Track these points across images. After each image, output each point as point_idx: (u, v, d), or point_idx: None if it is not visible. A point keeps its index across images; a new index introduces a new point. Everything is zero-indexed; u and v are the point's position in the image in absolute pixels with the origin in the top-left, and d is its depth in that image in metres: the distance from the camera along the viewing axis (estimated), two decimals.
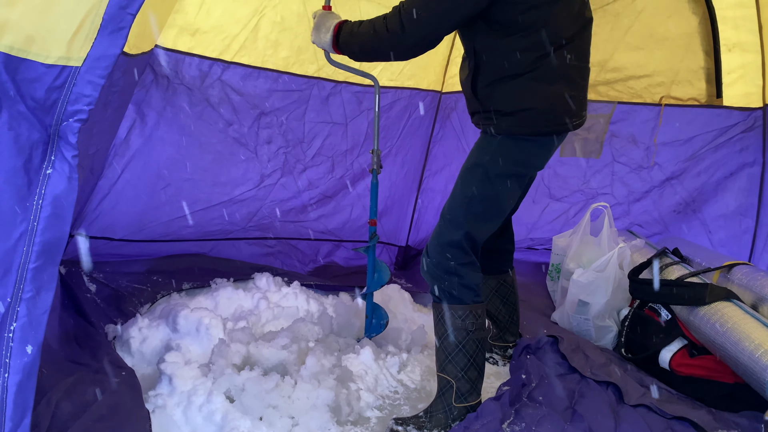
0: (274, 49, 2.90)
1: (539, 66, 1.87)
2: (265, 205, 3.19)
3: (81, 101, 1.47)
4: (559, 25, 1.88)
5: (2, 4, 1.36)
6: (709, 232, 3.40)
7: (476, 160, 2.01)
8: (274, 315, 2.76)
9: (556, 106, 1.94)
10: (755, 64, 3.18)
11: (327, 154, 3.23)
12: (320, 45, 2.08)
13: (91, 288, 2.66)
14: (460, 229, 2.00)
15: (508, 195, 2.03)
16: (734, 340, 2.13)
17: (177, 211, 2.98)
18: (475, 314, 2.05)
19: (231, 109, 2.91)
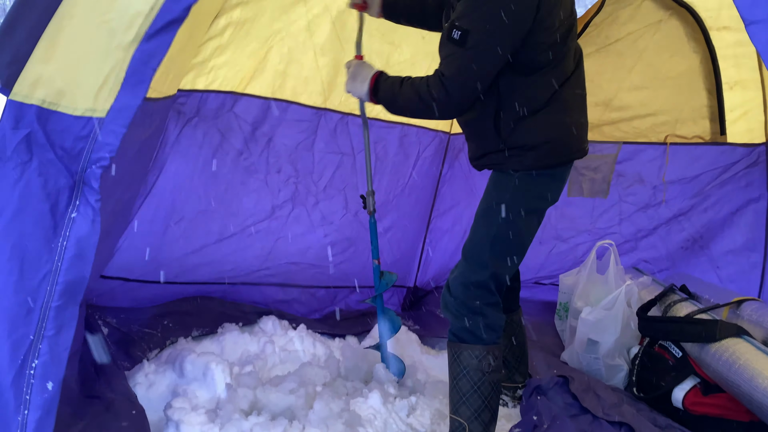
0: (283, 80, 2.98)
1: (555, 100, 1.96)
2: (279, 239, 3.19)
3: (104, 149, 1.55)
4: (567, 60, 1.98)
5: (38, 60, 1.46)
6: (717, 267, 3.40)
7: (497, 199, 2.02)
8: (280, 359, 2.74)
9: (571, 135, 2.02)
10: (756, 101, 3.23)
11: (338, 186, 3.25)
12: (356, 95, 2.13)
13: (103, 331, 2.67)
14: (485, 269, 2.02)
15: (530, 231, 2.07)
16: (747, 377, 2.12)
17: (190, 245, 3.01)
18: (492, 355, 2.05)
19: (242, 139, 2.98)
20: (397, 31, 2.92)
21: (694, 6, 3.20)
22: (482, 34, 1.79)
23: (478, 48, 1.81)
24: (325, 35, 2.97)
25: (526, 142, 1.96)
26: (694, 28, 3.24)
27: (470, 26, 1.79)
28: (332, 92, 3.10)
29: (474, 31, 1.79)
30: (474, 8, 1.80)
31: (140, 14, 1.56)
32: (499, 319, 2.06)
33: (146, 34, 1.55)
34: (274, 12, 2.82)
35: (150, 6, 1.55)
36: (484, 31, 1.79)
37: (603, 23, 3.32)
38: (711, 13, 3.19)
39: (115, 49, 1.55)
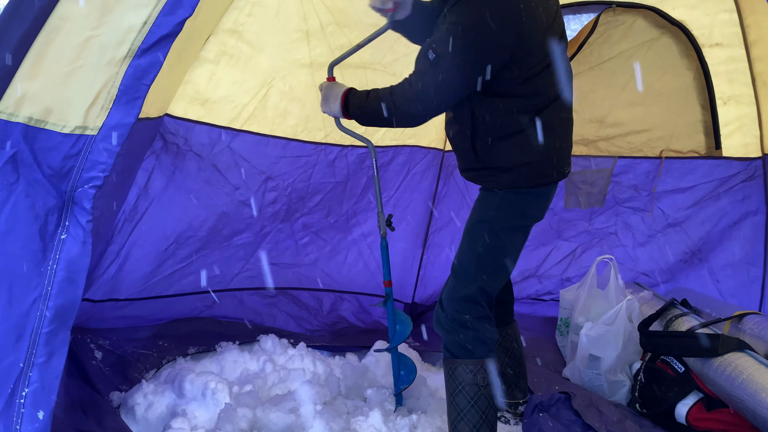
0: (283, 118, 2.99)
1: (534, 123, 1.97)
2: (261, 246, 3.21)
3: (96, 168, 1.52)
4: (549, 87, 1.99)
5: (25, 76, 1.43)
6: (717, 281, 3.39)
7: (481, 216, 2.07)
8: (280, 378, 2.72)
9: (550, 159, 2.04)
10: (751, 115, 3.25)
11: (325, 204, 3.29)
12: (330, 113, 2.19)
13: (97, 355, 2.65)
14: (473, 283, 2.05)
15: (514, 247, 2.10)
16: (751, 391, 2.09)
17: (179, 262, 3.01)
18: (486, 369, 2.06)
19: (238, 175, 2.98)
20: (396, 63, 3.00)
21: (686, 24, 3.23)
22: (453, 63, 1.84)
23: (448, 74, 1.86)
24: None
25: (501, 163, 2.00)
26: (687, 46, 3.27)
27: (443, 52, 1.84)
28: (334, 128, 3.11)
29: (446, 59, 1.84)
30: (450, 36, 1.84)
31: (133, 29, 1.54)
32: (489, 332, 2.08)
33: (139, 49, 1.54)
34: (274, 48, 2.84)
35: (143, 20, 1.53)
36: (456, 62, 1.84)
37: (596, 42, 3.35)
38: (703, 31, 3.22)
39: (107, 64, 1.53)
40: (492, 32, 1.81)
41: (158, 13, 1.52)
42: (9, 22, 1.43)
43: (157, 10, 1.52)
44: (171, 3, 1.52)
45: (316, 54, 2.94)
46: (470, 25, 1.82)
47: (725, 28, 3.17)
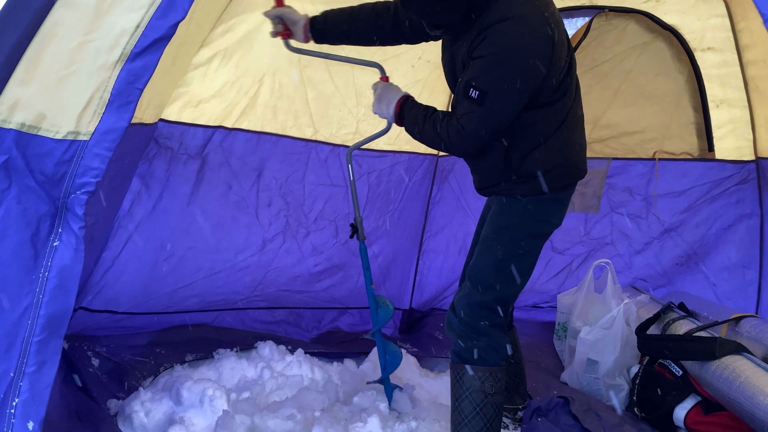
0: (273, 114, 2.98)
1: (561, 127, 1.99)
2: (269, 272, 3.18)
3: (89, 174, 1.50)
4: (572, 89, 2.02)
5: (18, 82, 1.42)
6: (714, 285, 3.39)
7: (503, 224, 2.05)
8: (278, 384, 2.71)
9: (576, 157, 2.09)
10: (744, 119, 3.26)
11: (329, 217, 3.25)
12: (382, 117, 2.16)
13: (94, 363, 2.63)
14: (492, 291, 2.04)
15: (535, 254, 2.09)
16: (748, 394, 2.09)
17: (180, 281, 2.98)
18: (495, 377, 2.05)
19: (231, 173, 2.96)
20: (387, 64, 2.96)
21: (678, 29, 3.25)
22: (500, 94, 1.83)
23: (496, 106, 1.85)
24: (316, 69, 2.98)
25: (535, 170, 2.00)
26: (679, 50, 3.29)
27: (488, 88, 1.82)
28: (322, 125, 3.11)
29: (492, 92, 1.83)
30: (490, 70, 1.82)
31: (126, 32, 1.53)
32: (503, 341, 2.08)
33: (132, 53, 1.53)
34: (263, 46, 2.83)
35: (136, 24, 1.53)
36: (501, 91, 1.83)
37: (589, 46, 3.37)
38: (695, 35, 3.24)
39: (99, 69, 1.52)
40: (531, 51, 1.81)
41: (151, 16, 1.51)
42: (2, 28, 1.42)
43: (150, 14, 1.51)
44: (164, 6, 1.51)
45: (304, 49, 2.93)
46: (509, 50, 1.80)
47: (717, 33, 3.19)
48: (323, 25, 2.24)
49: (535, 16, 1.82)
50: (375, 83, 2.21)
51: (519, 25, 1.80)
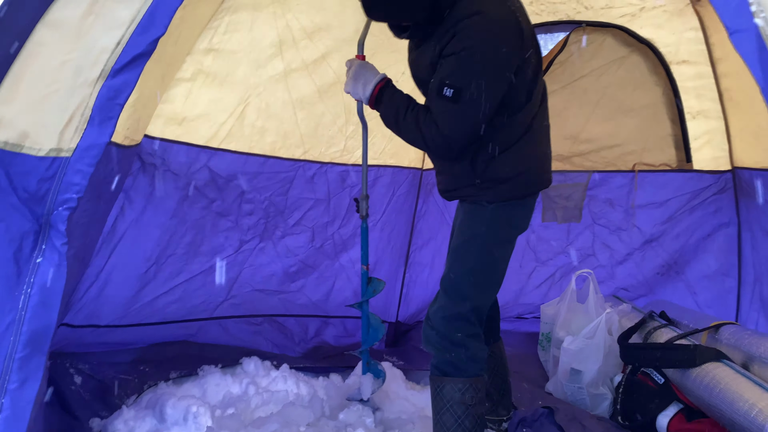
0: (261, 135, 3.00)
1: (527, 132, 2.00)
2: (244, 269, 3.18)
3: (71, 190, 1.52)
4: (537, 96, 2.04)
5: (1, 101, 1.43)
6: (694, 293, 3.44)
7: (472, 232, 2.05)
8: (263, 400, 2.69)
9: (540, 166, 2.09)
10: (719, 129, 3.34)
11: (307, 224, 3.26)
12: (355, 96, 2.11)
13: (76, 380, 2.60)
14: (466, 301, 2.03)
15: (505, 260, 2.10)
16: (728, 400, 2.12)
17: (160, 287, 2.98)
18: (474, 388, 2.04)
19: (216, 190, 2.98)
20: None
21: (653, 42, 3.33)
22: (474, 89, 1.82)
23: (472, 102, 1.83)
24: (304, 89, 3.01)
25: (499, 175, 2.00)
26: (655, 63, 3.37)
27: (461, 84, 1.82)
28: (312, 144, 3.14)
29: (466, 88, 1.82)
30: (463, 66, 1.83)
31: (106, 50, 1.56)
32: (481, 351, 2.07)
33: (112, 69, 1.55)
34: (249, 66, 2.86)
35: (116, 41, 1.55)
36: (475, 86, 1.83)
37: (567, 61, 3.43)
38: (670, 49, 3.32)
39: (80, 86, 1.54)
40: (503, 46, 1.82)
41: (131, 33, 1.54)
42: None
43: (130, 31, 1.54)
44: (144, 23, 1.54)
45: (291, 69, 2.96)
46: (481, 45, 1.80)
47: (691, 46, 3.27)
48: None
49: (502, 10, 1.84)
50: (350, 60, 2.14)
51: (488, 19, 1.80)
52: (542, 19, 3.34)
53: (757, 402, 2.01)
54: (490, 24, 1.81)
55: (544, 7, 3.28)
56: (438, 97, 1.86)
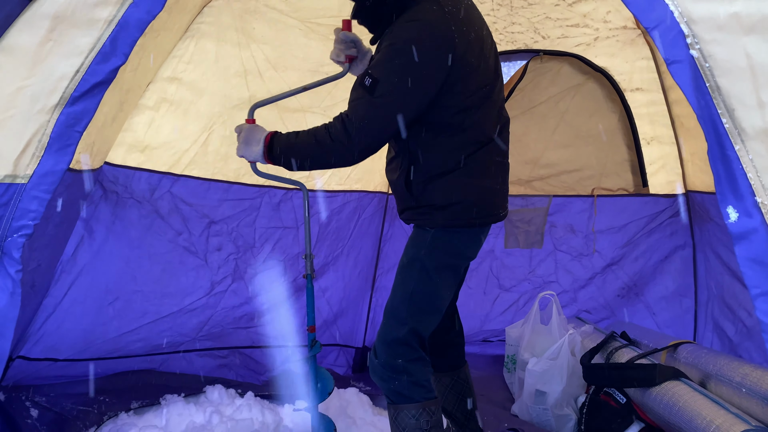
0: (224, 162, 3.00)
1: (468, 163, 1.98)
2: (216, 312, 3.14)
3: (26, 216, 1.49)
4: (484, 125, 2.01)
5: None
6: (654, 314, 3.52)
7: (413, 255, 2.04)
8: (227, 429, 2.65)
9: (484, 199, 2.02)
10: (673, 154, 3.46)
11: (278, 257, 3.25)
12: (249, 158, 2.05)
13: (32, 414, 2.52)
14: (404, 325, 2.00)
15: (446, 286, 2.06)
16: (687, 418, 2.16)
17: (125, 326, 2.91)
18: (428, 411, 2.01)
19: (180, 219, 2.95)
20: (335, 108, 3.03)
21: (608, 70, 3.45)
22: (390, 85, 1.81)
23: (385, 98, 1.82)
24: (268, 115, 3.00)
25: (434, 201, 1.99)
26: (611, 90, 3.49)
27: (380, 76, 1.82)
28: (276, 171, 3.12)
29: (383, 82, 1.82)
30: (387, 60, 1.85)
31: (65, 77, 1.55)
32: (424, 374, 2.03)
33: (72, 96, 1.54)
34: (214, 95, 2.87)
35: (75, 69, 1.55)
36: (392, 83, 1.81)
37: (526, 88, 3.54)
38: (624, 77, 3.45)
39: (38, 113, 1.53)
40: (427, 51, 1.80)
41: (91, 61, 1.54)
42: None
43: (89, 59, 1.54)
44: (104, 52, 1.54)
45: (255, 98, 2.98)
46: (405, 45, 1.80)
47: (644, 74, 3.40)
48: None
49: (440, 23, 1.85)
50: (238, 126, 2.09)
51: (420, 24, 1.83)
52: (501, 48, 3.44)
53: (714, 419, 2.06)
54: (421, 28, 1.83)
55: (503, 36, 3.39)
56: (359, 86, 1.87)
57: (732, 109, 1.46)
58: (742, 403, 2.18)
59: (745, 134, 1.45)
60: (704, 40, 1.47)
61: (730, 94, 1.46)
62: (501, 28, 3.35)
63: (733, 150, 1.45)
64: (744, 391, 2.18)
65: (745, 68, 1.45)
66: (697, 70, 1.46)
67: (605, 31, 3.32)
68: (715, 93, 1.46)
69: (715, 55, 1.46)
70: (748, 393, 2.16)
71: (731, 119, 1.46)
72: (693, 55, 1.46)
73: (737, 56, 1.46)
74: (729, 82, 1.46)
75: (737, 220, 1.45)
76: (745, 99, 1.45)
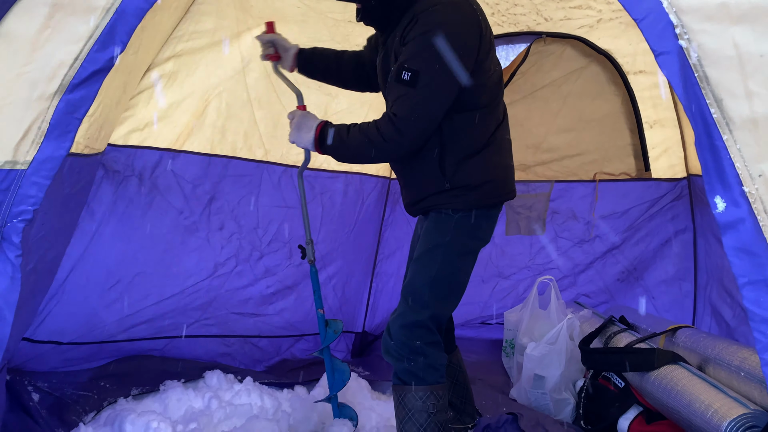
0: (222, 135, 2.98)
1: (493, 141, 2.04)
2: (220, 294, 3.13)
3: (26, 202, 1.50)
4: (500, 104, 2.09)
5: None
6: (653, 298, 3.52)
7: (436, 241, 2.06)
8: (226, 414, 2.64)
9: (507, 177, 2.12)
10: (675, 138, 3.44)
11: (283, 239, 3.23)
12: (300, 145, 2.13)
13: (34, 397, 2.53)
14: (426, 309, 2.04)
15: (467, 270, 2.11)
16: (685, 402, 2.17)
17: (128, 309, 2.91)
18: (436, 395, 2.04)
19: (182, 197, 2.93)
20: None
21: (611, 53, 3.42)
22: (432, 73, 1.85)
23: (430, 87, 1.86)
24: (262, 89, 3.01)
25: (470, 181, 2.02)
26: (613, 73, 3.46)
27: (420, 67, 1.85)
28: (273, 145, 3.12)
29: (424, 72, 1.85)
30: (422, 49, 1.86)
31: (64, 64, 1.55)
32: (440, 358, 2.07)
33: (71, 84, 1.54)
34: (208, 66, 2.85)
35: (74, 56, 1.54)
36: (434, 70, 1.85)
37: (528, 72, 3.51)
38: (627, 59, 3.42)
39: (37, 100, 1.52)
40: (459, 31, 1.85)
41: (90, 49, 1.53)
42: None
43: (88, 46, 1.53)
44: (102, 39, 1.53)
45: (250, 68, 2.96)
46: (439, 31, 1.83)
47: (647, 57, 3.36)
48: (311, 58, 2.34)
49: (465, 5, 1.91)
50: (291, 112, 2.18)
51: (449, 9, 1.87)
52: (504, 30, 3.41)
53: (713, 403, 2.07)
54: (452, 13, 1.87)
55: (506, 18, 3.35)
56: (397, 84, 1.89)
57: (720, 99, 1.46)
58: (741, 386, 2.19)
59: (733, 124, 1.45)
60: (693, 31, 1.46)
61: (719, 84, 1.46)
62: (503, 10, 3.31)
63: (721, 140, 1.45)
64: (743, 375, 2.19)
65: (734, 58, 1.45)
66: (686, 60, 1.46)
67: (608, 12, 3.28)
68: (704, 83, 1.46)
69: (704, 45, 1.46)
70: (746, 377, 2.17)
71: (719, 109, 1.46)
72: (681, 46, 1.46)
73: (726, 46, 1.45)
74: (717, 72, 1.46)
75: (724, 210, 1.45)
76: (733, 89, 1.45)
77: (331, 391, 2.56)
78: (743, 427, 1.95)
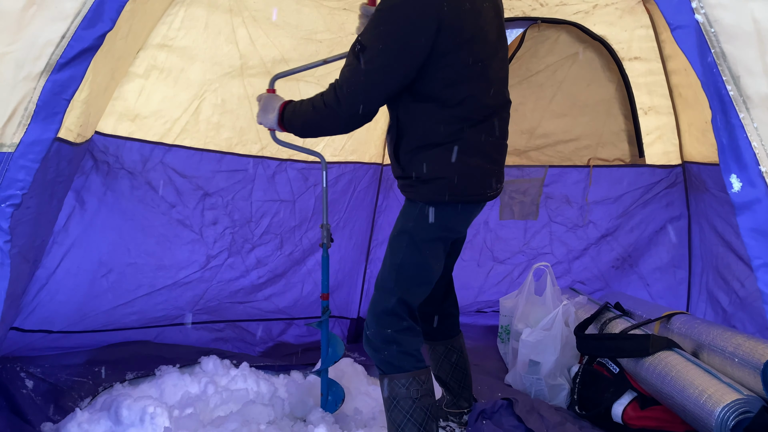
0: (216, 131, 2.95)
1: (458, 139, 1.95)
2: (211, 286, 3.13)
3: (14, 186, 1.46)
4: (476, 103, 1.95)
5: None
6: (647, 285, 3.53)
7: (401, 227, 2.05)
8: (222, 399, 2.66)
9: (471, 178, 1.99)
10: (670, 125, 3.43)
11: (275, 231, 3.23)
12: (267, 125, 2.18)
13: (27, 384, 2.52)
14: (392, 295, 2.02)
15: (434, 257, 2.06)
16: (679, 387, 2.18)
17: (119, 299, 2.90)
18: (418, 381, 2.04)
19: (174, 191, 2.91)
20: (329, 77, 2.96)
21: (606, 39, 3.40)
22: (376, 52, 1.83)
23: (373, 63, 1.83)
24: (260, 85, 2.97)
25: (420, 174, 1.98)
26: (608, 59, 3.44)
27: (368, 43, 1.84)
28: (269, 140, 3.09)
29: (369, 48, 1.83)
30: (374, 26, 1.85)
31: (50, 43, 1.51)
32: (413, 344, 2.05)
33: (57, 63, 1.50)
34: (204, 62, 2.81)
35: (61, 34, 1.50)
36: (377, 49, 1.82)
37: (523, 57, 3.48)
38: (622, 45, 3.39)
39: (23, 80, 1.49)
40: (410, 16, 1.79)
41: (77, 27, 1.49)
42: None
43: (75, 24, 1.49)
44: (90, 17, 1.49)
45: (247, 66, 2.93)
46: (391, 11, 1.81)
47: (642, 43, 3.35)
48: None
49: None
50: (260, 95, 2.25)
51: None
52: None
53: (707, 389, 2.08)
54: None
55: None
56: (350, 52, 1.91)
57: (737, 76, 1.41)
58: (735, 372, 2.20)
59: (750, 102, 1.41)
60: (710, 5, 1.43)
61: (736, 61, 1.42)
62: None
63: (737, 118, 1.41)
64: (736, 360, 2.20)
65: (752, 33, 1.41)
66: (702, 35, 1.42)
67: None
68: (720, 59, 1.42)
69: (721, 20, 1.42)
70: (740, 363, 2.18)
71: (736, 86, 1.42)
72: (698, 20, 1.42)
73: (744, 21, 1.41)
74: (735, 47, 1.42)
75: (740, 190, 1.41)
76: (750, 65, 1.41)
77: (323, 365, 2.55)
78: (736, 412, 1.96)
